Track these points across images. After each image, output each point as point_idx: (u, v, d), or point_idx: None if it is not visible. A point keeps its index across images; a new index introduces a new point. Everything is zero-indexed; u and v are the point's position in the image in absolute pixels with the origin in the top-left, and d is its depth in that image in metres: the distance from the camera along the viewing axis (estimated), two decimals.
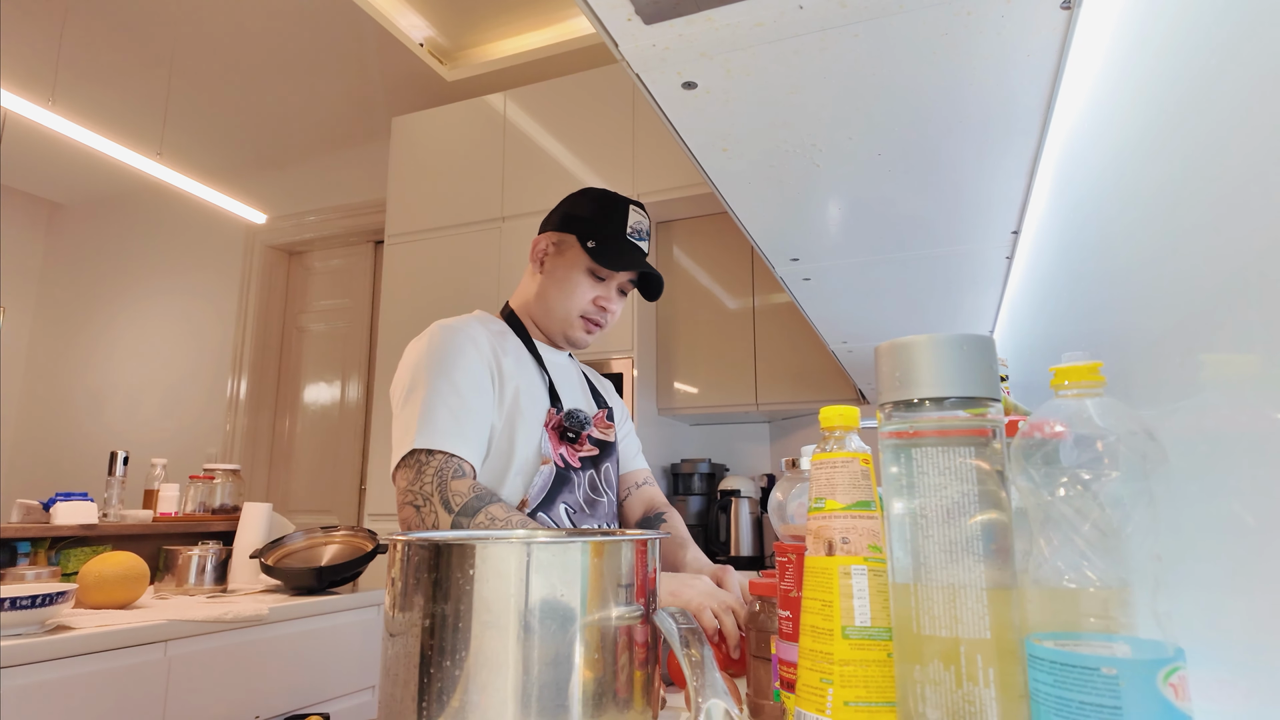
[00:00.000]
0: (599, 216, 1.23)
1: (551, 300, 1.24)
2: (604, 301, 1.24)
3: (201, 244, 4.33)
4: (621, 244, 1.21)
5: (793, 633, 0.63)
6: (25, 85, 3.31)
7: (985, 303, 1.48)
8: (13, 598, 1.25)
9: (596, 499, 1.22)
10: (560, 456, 1.17)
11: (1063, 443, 0.43)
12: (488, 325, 1.23)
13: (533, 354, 1.25)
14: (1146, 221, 0.59)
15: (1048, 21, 0.61)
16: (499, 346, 1.19)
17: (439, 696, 0.47)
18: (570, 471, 1.17)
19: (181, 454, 3.89)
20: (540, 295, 1.26)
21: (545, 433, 1.16)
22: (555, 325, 1.25)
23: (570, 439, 1.19)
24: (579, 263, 1.22)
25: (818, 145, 0.85)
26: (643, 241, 1.24)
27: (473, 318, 1.24)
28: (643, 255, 1.24)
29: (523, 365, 1.21)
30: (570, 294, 1.22)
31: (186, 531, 2.28)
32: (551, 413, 1.19)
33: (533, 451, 1.15)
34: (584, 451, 1.21)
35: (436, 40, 3.22)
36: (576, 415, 1.21)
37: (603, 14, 0.64)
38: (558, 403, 1.21)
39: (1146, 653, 0.39)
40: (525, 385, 1.18)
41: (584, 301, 1.23)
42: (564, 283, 1.23)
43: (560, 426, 1.19)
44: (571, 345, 1.28)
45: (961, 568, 0.43)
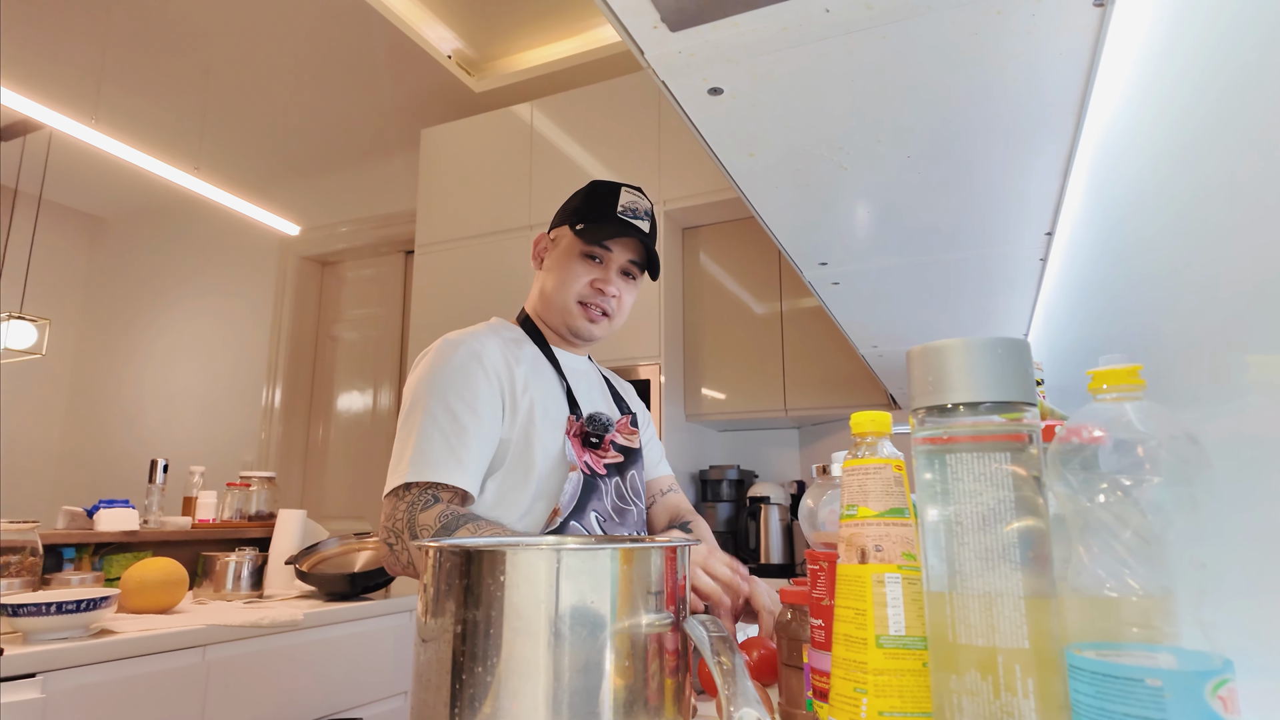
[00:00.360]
0: (587, 200, 1.22)
1: (550, 292, 1.23)
2: (601, 284, 1.20)
3: (237, 255, 4.42)
4: (611, 220, 1.18)
5: (825, 641, 0.62)
6: (70, 104, 3.42)
7: (1019, 305, 1.45)
8: (59, 602, 1.29)
9: (625, 507, 1.19)
10: (585, 463, 1.14)
11: (1102, 448, 0.42)
12: (501, 334, 1.20)
13: (550, 360, 1.22)
14: (1185, 220, 0.58)
15: (1080, 19, 0.60)
16: (511, 356, 1.16)
17: (471, 702, 0.47)
18: (597, 479, 1.15)
19: (219, 461, 3.97)
20: (541, 291, 1.25)
21: (568, 440, 1.14)
22: (557, 318, 1.23)
23: (594, 444, 1.17)
24: (572, 249, 1.21)
25: (845, 148, 0.84)
26: (638, 220, 1.20)
27: (485, 328, 1.21)
28: (635, 232, 1.19)
29: (539, 372, 1.18)
30: (566, 281, 1.20)
31: (224, 538, 2.33)
32: (572, 419, 1.16)
33: (554, 460, 1.13)
34: (608, 458, 1.18)
35: (464, 52, 3.27)
36: (598, 419, 1.18)
37: (628, 22, 0.65)
38: (576, 409, 1.18)
39: (1193, 664, 0.37)
40: (541, 393, 1.16)
41: (580, 285, 1.20)
42: (559, 271, 1.21)
43: (583, 432, 1.16)
44: (579, 337, 1.24)
45: (998, 575, 0.43)
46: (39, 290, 4.44)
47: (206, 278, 4.52)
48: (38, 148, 3.93)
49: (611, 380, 1.38)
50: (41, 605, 1.27)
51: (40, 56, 3.20)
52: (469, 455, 1.06)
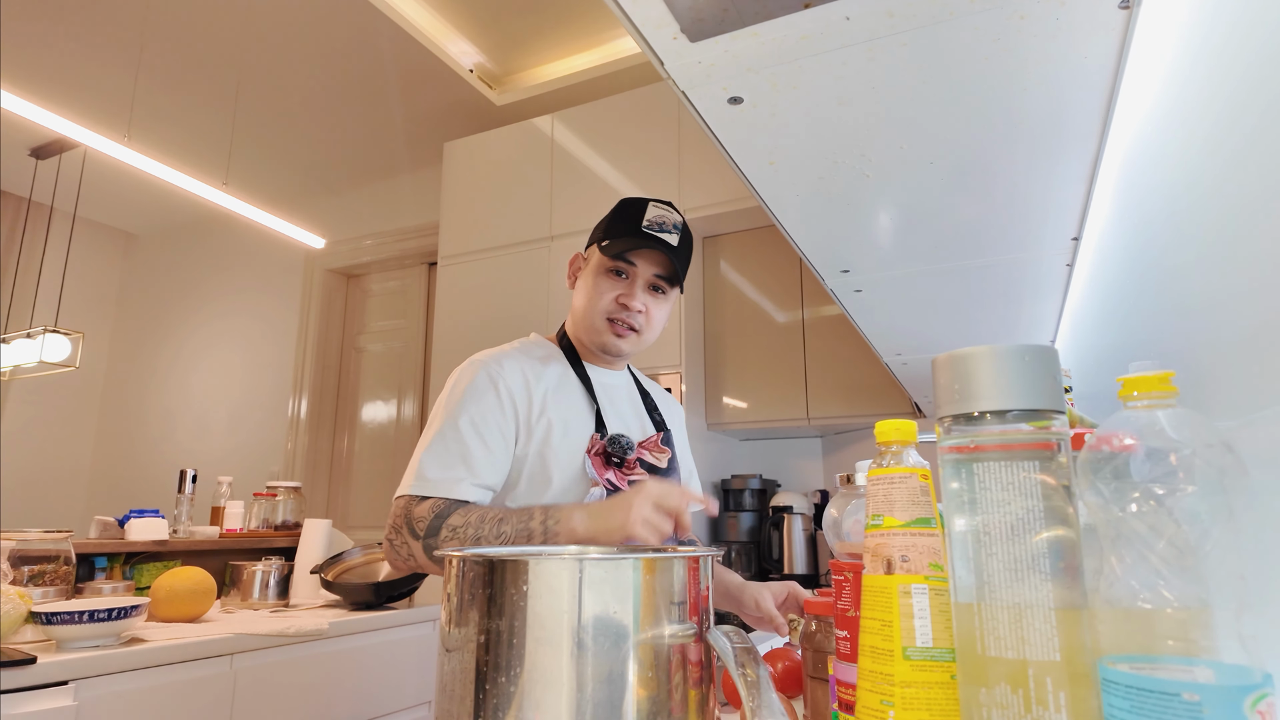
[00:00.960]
0: (615, 217, 1.23)
1: (579, 309, 1.25)
2: (626, 299, 1.20)
3: (264, 269, 4.50)
4: (635, 235, 1.18)
5: (850, 653, 0.61)
6: (104, 123, 3.50)
7: (1045, 312, 1.43)
8: (92, 610, 1.31)
9: None
10: (608, 480, 1.16)
11: (1133, 456, 0.41)
12: (530, 353, 1.23)
13: (581, 377, 1.25)
14: (1219, 223, 0.57)
15: (1106, 22, 0.59)
16: (533, 375, 1.19)
17: (494, 712, 0.47)
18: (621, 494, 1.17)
19: (246, 472, 4.02)
20: (573, 310, 1.28)
21: (588, 458, 1.16)
22: (587, 335, 1.24)
23: (615, 464, 1.19)
24: (599, 266, 1.22)
25: (867, 156, 0.84)
26: (664, 234, 1.20)
27: (513, 347, 1.24)
28: (660, 245, 1.19)
29: (564, 390, 1.21)
30: (593, 298, 1.22)
31: (251, 547, 2.36)
32: (595, 438, 1.18)
33: (574, 476, 1.16)
34: (633, 476, 1.19)
35: (485, 66, 3.30)
36: (619, 441, 1.20)
37: (648, 33, 0.65)
38: (602, 428, 1.20)
39: (1231, 678, 0.36)
40: (563, 412, 1.18)
41: (606, 301, 1.21)
42: (586, 288, 1.23)
43: (604, 452, 1.18)
44: (608, 353, 1.25)
45: (1028, 586, 0.42)
46: (73, 305, 4.55)
47: (234, 292, 4.60)
48: (73, 166, 4.04)
49: (652, 394, 1.38)
50: (74, 613, 1.29)
51: (75, 77, 3.29)
52: (470, 473, 1.09)
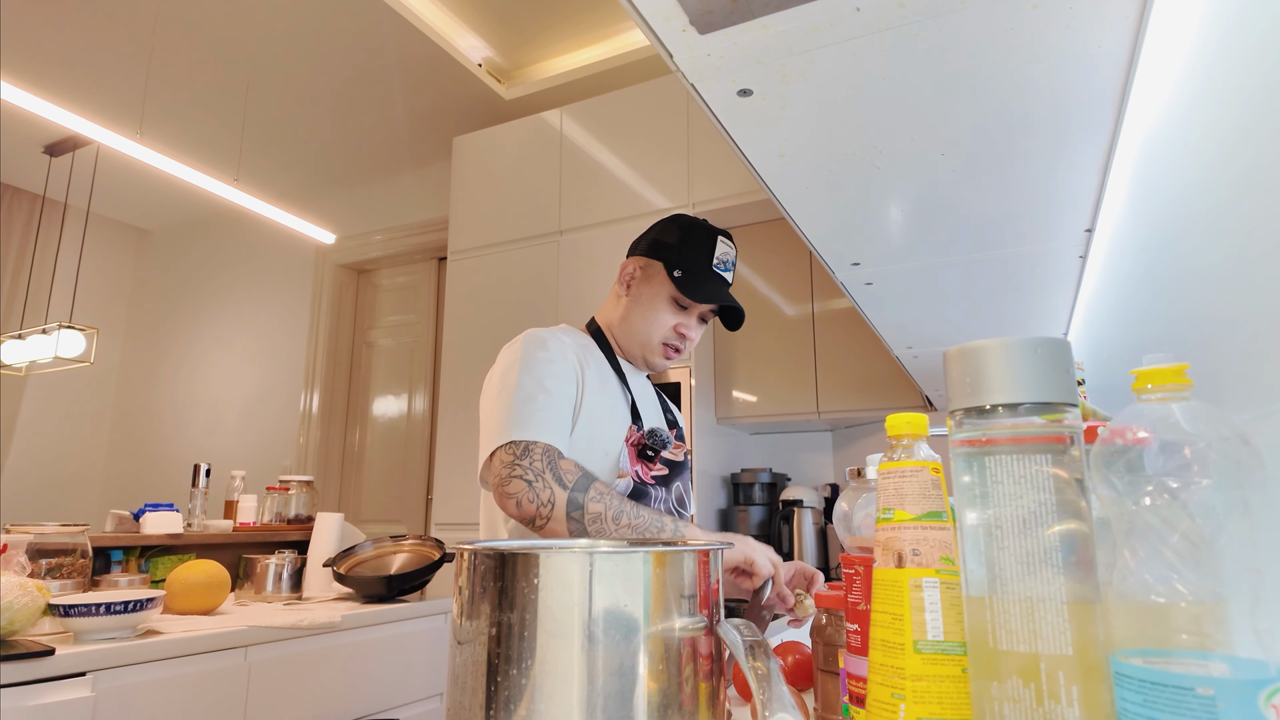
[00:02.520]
0: (686, 245, 1.23)
1: (635, 325, 1.26)
2: (684, 329, 1.25)
3: (276, 265, 4.52)
4: (707, 274, 1.22)
5: (861, 646, 0.61)
6: (116, 120, 3.53)
7: (1058, 304, 1.42)
8: (108, 603, 1.32)
9: (681, 512, 1.25)
10: (635, 473, 1.19)
11: (1147, 449, 0.41)
12: (574, 338, 1.26)
13: (616, 370, 1.28)
14: (1235, 215, 0.56)
15: (1120, 10, 0.59)
16: (584, 359, 1.21)
17: (506, 705, 0.47)
18: (646, 488, 1.20)
19: (259, 466, 4.05)
20: (625, 318, 1.28)
21: (625, 448, 1.19)
22: (636, 349, 1.27)
23: (648, 457, 1.22)
24: (663, 290, 1.24)
25: (878, 147, 0.83)
26: (727, 272, 1.25)
27: (560, 330, 1.27)
28: (727, 286, 1.25)
29: (605, 380, 1.24)
30: (654, 321, 1.24)
31: (264, 541, 2.38)
32: (633, 429, 1.22)
33: (610, 463, 1.18)
34: (656, 470, 1.23)
35: (494, 60, 3.30)
36: (658, 434, 1.23)
37: (657, 26, 0.65)
38: (639, 420, 1.24)
39: (1246, 672, 0.36)
40: (606, 400, 1.21)
41: (665, 329, 1.24)
42: (648, 309, 1.25)
43: (641, 444, 1.21)
44: (650, 369, 1.30)
45: (1040, 580, 0.42)
46: (87, 301, 4.59)
47: (246, 287, 4.62)
48: (86, 163, 4.07)
49: (663, 396, 1.43)
50: (91, 606, 1.30)
51: (88, 75, 3.31)
52: (562, 427, 1.11)
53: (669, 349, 1.26)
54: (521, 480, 1.01)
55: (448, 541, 2.29)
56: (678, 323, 1.24)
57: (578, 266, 2.92)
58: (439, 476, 3.07)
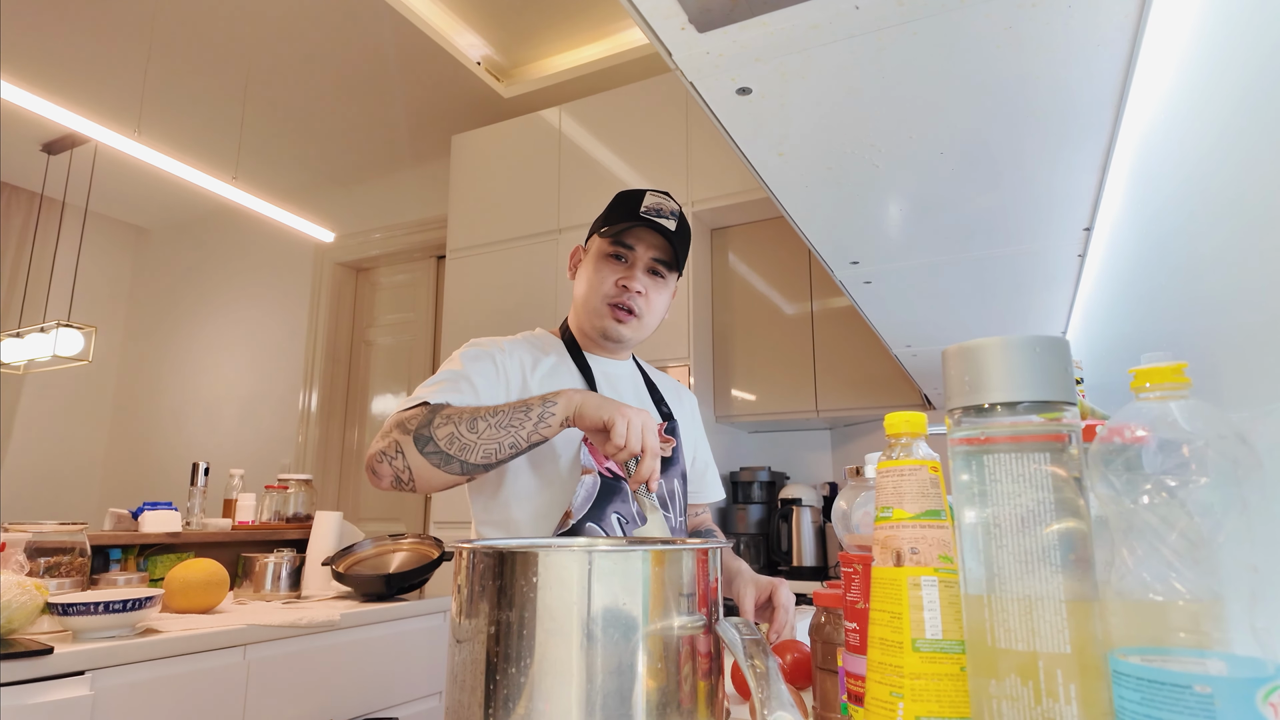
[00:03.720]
0: (613, 207, 1.25)
1: (581, 296, 1.26)
2: (625, 281, 1.21)
3: (274, 263, 4.51)
4: (633, 222, 1.19)
5: (860, 645, 0.61)
6: (114, 118, 3.52)
7: (1057, 303, 1.42)
8: (107, 601, 1.32)
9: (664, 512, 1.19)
10: (608, 469, 1.16)
11: (1145, 448, 0.41)
12: (529, 344, 1.25)
13: (581, 368, 1.25)
14: (1233, 214, 0.56)
15: (1119, 8, 0.59)
16: (530, 361, 1.21)
17: (505, 703, 0.47)
18: (620, 482, 1.16)
19: (257, 464, 4.05)
20: (575, 299, 1.29)
21: (584, 446, 1.16)
22: (589, 320, 1.25)
23: None
24: (599, 251, 1.24)
25: (877, 146, 0.83)
26: (664, 219, 1.20)
27: (513, 338, 1.26)
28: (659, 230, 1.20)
29: (558, 378, 1.21)
30: (594, 283, 1.23)
31: (263, 539, 2.38)
32: None
33: (567, 461, 1.16)
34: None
35: (493, 58, 3.30)
36: None
37: (656, 24, 0.65)
38: None
39: (1244, 670, 0.36)
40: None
41: (607, 286, 1.22)
42: (587, 274, 1.25)
43: None
44: (609, 339, 1.25)
45: (1038, 578, 0.42)
46: (86, 299, 4.58)
47: (245, 285, 4.62)
48: (84, 161, 4.06)
49: (660, 385, 1.38)
50: (90, 604, 1.30)
51: (86, 72, 3.31)
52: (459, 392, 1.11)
53: (617, 310, 1.22)
54: (378, 453, 1.03)
55: (446, 540, 2.29)
56: (618, 277, 1.22)
57: None
58: None
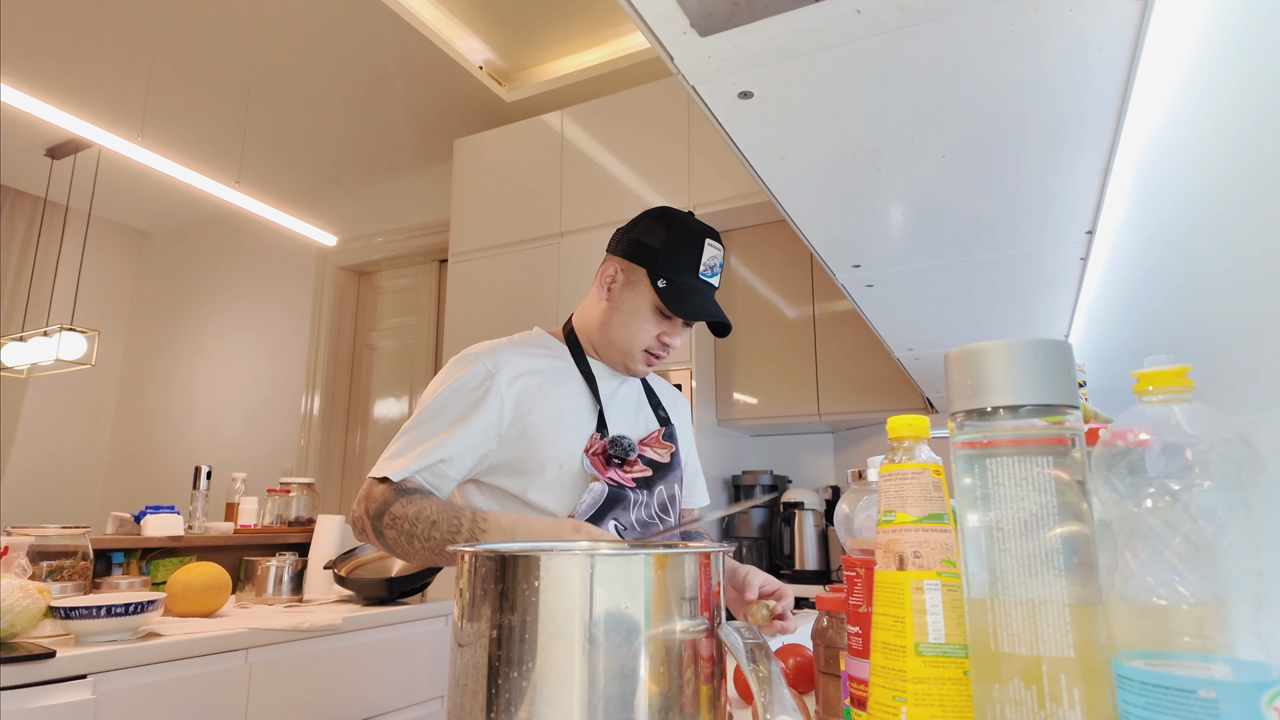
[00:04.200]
0: (671, 251, 1.16)
1: (615, 332, 1.21)
2: (668, 338, 1.21)
3: (277, 267, 4.52)
4: (694, 284, 1.16)
5: (862, 649, 0.61)
6: (117, 123, 3.53)
7: (1059, 306, 1.42)
8: (109, 605, 1.32)
9: (651, 522, 1.20)
10: (611, 478, 1.15)
11: (1148, 451, 0.41)
12: (529, 346, 1.22)
13: (585, 375, 1.22)
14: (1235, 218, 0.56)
15: (1121, 12, 0.59)
16: (528, 369, 1.17)
17: (507, 707, 0.47)
18: (625, 491, 1.16)
19: (260, 468, 4.05)
20: (604, 325, 1.22)
21: (585, 457, 1.15)
22: (616, 356, 1.23)
23: (616, 464, 1.17)
24: (646, 299, 1.18)
25: (879, 149, 0.83)
26: (714, 277, 1.19)
27: (509, 341, 1.23)
28: (713, 293, 1.19)
29: (561, 385, 1.19)
30: (636, 331, 1.19)
31: (265, 543, 2.38)
32: (595, 437, 1.16)
33: (571, 472, 1.14)
34: (635, 472, 1.18)
35: (495, 63, 3.30)
36: (620, 443, 1.17)
37: (658, 28, 0.65)
38: (603, 428, 1.18)
39: (1249, 675, 0.36)
40: (557, 405, 1.16)
41: (648, 338, 1.20)
42: (630, 317, 1.19)
43: (604, 453, 1.16)
44: (632, 375, 1.26)
45: (1041, 582, 0.42)
46: (89, 303, 4.59)
47: (247, 289, 4.63)
48: (87, 166, 4.07)
49: (656, 389, 1.37)
50: (92, 608, 1.30)
51: (89, 77, 3.32)
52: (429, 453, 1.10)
53: (650, 356, 1.22)
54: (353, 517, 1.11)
55: None
56: (660, 332, 1.20)
57: (578, 269, 2.92)
58: None
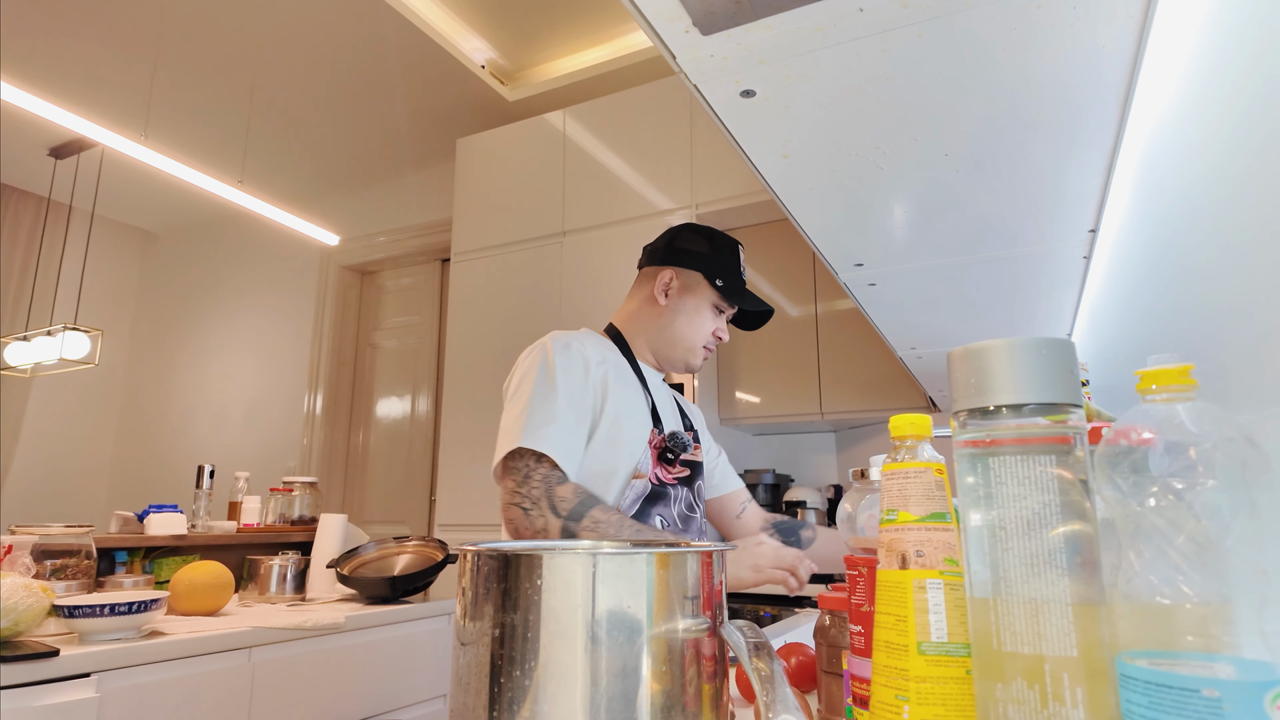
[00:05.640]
0: (719, 256, 1.34)
1: (680, 332, 1.33)
2: (721, 332, 1.36)
3: (280, 267, 4.53)
4: (741, 281, 1.34)
5: (865, 648, 0.61)
6: (121, 123, 3.54)
7: (1062, 305, 1.42)
8: (112, 604, 1.33)
9: (690, 515, 1.29)
10: (655, 475, 1.23)
11: (1152, 450, 0.41)
12: (596, 341, 1.30)
13: (637, 374, 1.31)
14: (1240, 215, 0.56)
15: (1123, 10, 0.59)
16: (603, 360, 1.25)
17: (509, 706, 0.47)
18: (666, 488, 1.24)
19: (263, 467, 4.06)
20: (666, 326, 1.34)
21: (648, 450, 1.22)
22: (679, 354, 1.34)
23: (669, 460, 1.25)
24: (706, 298, 1.33)
25: (881, 148, 0.83)
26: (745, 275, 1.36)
27: (584, 333, 1.31)
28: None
29: (628, 384, 1.27)
30: (698, 328, 1.33)
31: (268, 542, 2.38)
32: (654, 433, 1.25)
33: (633, 465, 1.21)
34: (677, 472, 1.26)
35: (498, 62, 3.31)
36: (679, 438, 1.27)
37: (660, 27, 0.65)
38: (659, 423, 1.27)
39: (1253, 674, 0.36)
40: (629, 404, 1.24)
41: (708, 334, 1.34)
42: (694, 317, 1.33)
43: (662, 447, 1.25)
44: (688, 371, 1.38)
45: (1044, 582, 0.42)
46: (93, 303, 4.60)
47: (252, 289, 4.64)
48: (91, 165, 4.08)
49: (679, 400, 1.46)
50: (96, 607, 1.31)
51: (93, 77, 3.33)
52: (570, 441, 1.14)
53: (707, 351, 1.36)
54: (518, 508, 1.08)
55: (451, 542, 2.29)
56: (716, 327, 1.35)
57: (581, 268, 2.92)
58: (442, 477, 3.07)
